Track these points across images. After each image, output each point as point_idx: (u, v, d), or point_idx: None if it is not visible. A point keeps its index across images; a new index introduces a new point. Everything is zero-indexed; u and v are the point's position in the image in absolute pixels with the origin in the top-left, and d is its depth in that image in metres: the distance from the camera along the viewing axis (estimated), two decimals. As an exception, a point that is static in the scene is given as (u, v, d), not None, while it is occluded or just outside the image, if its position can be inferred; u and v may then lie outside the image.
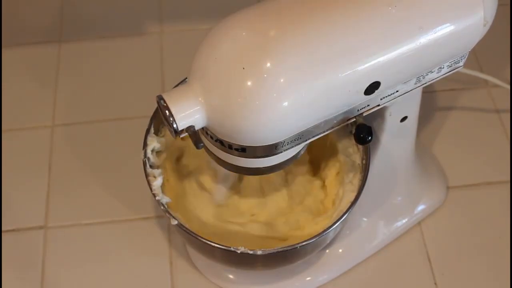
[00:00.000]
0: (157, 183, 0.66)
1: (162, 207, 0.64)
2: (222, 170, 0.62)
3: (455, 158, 0.87)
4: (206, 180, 0.72)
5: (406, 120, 0.68)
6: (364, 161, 0.67)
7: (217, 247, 0.62)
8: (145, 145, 0.68)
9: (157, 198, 0.65)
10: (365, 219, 0.78)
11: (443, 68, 0.59)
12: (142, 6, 1.04)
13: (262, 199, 0.72)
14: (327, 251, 0.77)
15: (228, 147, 0.55)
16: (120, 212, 0.83)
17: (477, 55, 0.95)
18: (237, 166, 0.58)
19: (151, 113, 0.68)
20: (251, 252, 0.61)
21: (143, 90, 0.94)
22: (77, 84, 0.95)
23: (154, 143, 0.68)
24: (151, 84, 0.95)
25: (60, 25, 1.02)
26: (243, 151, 0.55)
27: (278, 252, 0.62)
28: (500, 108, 0.92)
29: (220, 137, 0.54)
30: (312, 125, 0.55)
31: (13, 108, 0.92)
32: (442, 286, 0.77)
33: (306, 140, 0.57)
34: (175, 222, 0.63)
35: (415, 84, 0.59)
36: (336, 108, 0.55)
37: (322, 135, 0.58)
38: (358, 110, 0.58)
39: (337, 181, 0.72)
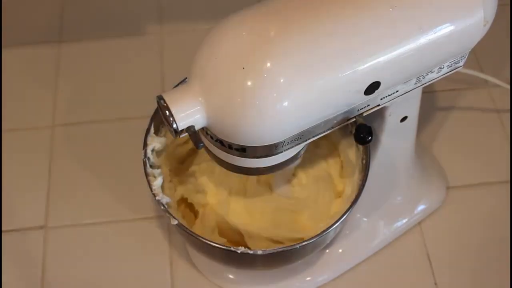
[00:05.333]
0: (157, 183, 0.66)
1: (162, 207, 0.64)
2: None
3: (455, 158, 0.87)
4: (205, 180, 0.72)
5: (406, 120, 0.68)
6: (364, 161, 0.67)
7: (217, 247, 0.62)
8: (145, 145, 0.68)
9: (157, 198, 0.65)
10: (365, 219, 0.78)
11: (443, 68, 0.59)
12: (142, 6, 1.04)
13: (265, 199, 0.73)
14: (327, 251, 0.77)
15: (228, 147, 0.55)
16: (120, 212, 0.83)
17: (477, 55, 0.95)
18: (237, 166, 0.58)
19: (151, 113, 0.68)
20: (251, 252, 0.61)
21: (143, 90, 0.94)
22: (77, 84, 0.95)
23: (154, 143, 0.68)
24: (151, 84, 0.95)
25: (60, 25, 1.02)
26: (243, 151, 0.55)
27: (278, 252, 0.62)
28: (500, 108, 0.92)
29: (220, 137, 0.54)
30: (312, 125, 0.55)
31: (13, 108, 0.93)
32: (442, 286, 0.77)
33: (306, 140, 0.57)
34: (175, 222, 0.63)
35: (415, 84, 0.59)
36: (336, 108, 0.55)
37: (322, 135, 0.58)
38: (358, 110, 0.58)
39: (337, 181, 0.72)
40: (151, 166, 0.68)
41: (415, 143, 0.75)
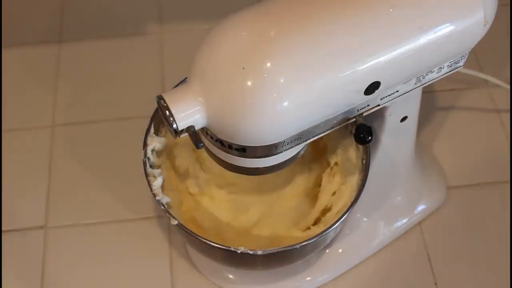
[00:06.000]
0: (157, 183, 0.66)
1: (162, 207, 0.64)
2: None
3: (455, 158, 0.87)
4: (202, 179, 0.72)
5: (406, 120, 0.68)
6: (364, 161, 0.67)
7: (217, 247, 0.62)
8: (145, 145, 0.68)
9: (157, 198, 0.65)
10: (365, 219, 0.78)
11: (443, 68, 0.59)
12: (142, 6, 1.04)
13: (263, 199, 0.73)
14: (327, 251, 0.77)
15: (228, 147, 0.55)
16: (120, 212, 0.83)
17: (477, 55, 0.95)
18: (237, 166, 0.58)
19: (151, 113, 0.68)
20: (251, 252, 0.61)
21: (143, 90, 0.94)
22: (77, 84, 0.95)
23: (154, 143, 0.68)
24: (151, 84, 0.95)
25: (60, 25, 1.02)
26: (243, 151, 0.55)
27: (278, 252, 0.62)
28: (500, 108, 0.92)
29: (220, 137, 0.54)
30: (312, 125, 0.55)
31: (13, 108, 0.93)
32: (442, 286, 0.77)
33: (306, 140, 0.57)
34: (175, 222, 0.63)
35: (415, 84, 0.59)
36: (336, 108, 0.55)
37: (322, 135, 0.58)
38: (358, 110, 0.58)
39: (337, 181, 0.72)
40: (151, 166, 0.68)
41: (415, 143, 0.75)
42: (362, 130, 0.58)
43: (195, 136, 0.53)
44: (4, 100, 0.93)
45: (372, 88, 0.55)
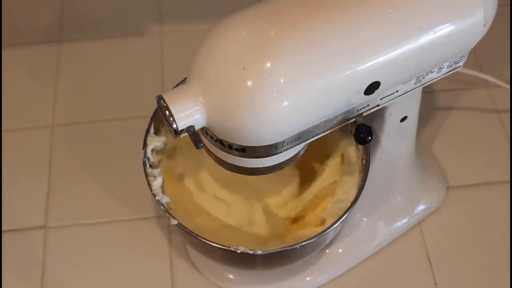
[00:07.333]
0: (157, 183, 0.66)
1: (162, 207, 0.64)
2: None
3: (455, 158, 0.87)
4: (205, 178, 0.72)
5: (406, 120, 0.68)
6: (364, 161, 0.67)
7: (217, 247, 0.62)
8: (145, 145, 0.68)
9: (157, 198, 0.65)
10: (365, 219, 0.78)
11: (443, 68, 0.59)
12: (142, 6, 1.04)
13: (261, 198, 0.73)
14: (327, 251, 0.77)
15: (228, 147, 0.55)
16: (120, 212, 0.83)
17: (477, 55, 0.95)
18: (237, 166, 0.58)
19: (151, 113, 0.68)
20: (251, 252, 0.61)
21: (143, 90, 0.94)
22: (77, 84, 0.95)
23: (154, 143, 0.68)
24: (151, 84, 0.95)
25: (60, 25, 1.02)
26: (243, 151, 0.55)
27: (278, 252, 0.62)
28: (500, 108, 0.92)
29: (220, 137, 0.54)
30: (312, 125, 0.55)
31: (13, 108, 0.93)
32: (442, 286, 0.77)
33: (306, 140, 0.57)
34: (175, 222, 0.63)
35: (415, 84, 0.59)
36: (336, 108, 0.55)
37: (322, 135, 0.58)
38: (358, 110, 0.58)
39: (335, 178, 0.72)
40: (151, 166, 0.68)
41: (415, 143, 0.75)
42: (362, 130, 0.58)
43: (195, 136, 0.53)
44: (4, 100, 0.93)
45: (372, 88, 0.55)
